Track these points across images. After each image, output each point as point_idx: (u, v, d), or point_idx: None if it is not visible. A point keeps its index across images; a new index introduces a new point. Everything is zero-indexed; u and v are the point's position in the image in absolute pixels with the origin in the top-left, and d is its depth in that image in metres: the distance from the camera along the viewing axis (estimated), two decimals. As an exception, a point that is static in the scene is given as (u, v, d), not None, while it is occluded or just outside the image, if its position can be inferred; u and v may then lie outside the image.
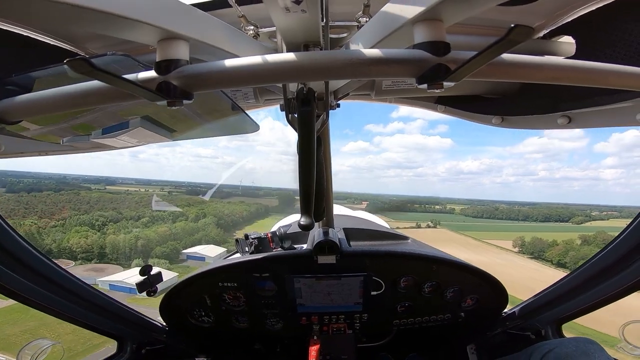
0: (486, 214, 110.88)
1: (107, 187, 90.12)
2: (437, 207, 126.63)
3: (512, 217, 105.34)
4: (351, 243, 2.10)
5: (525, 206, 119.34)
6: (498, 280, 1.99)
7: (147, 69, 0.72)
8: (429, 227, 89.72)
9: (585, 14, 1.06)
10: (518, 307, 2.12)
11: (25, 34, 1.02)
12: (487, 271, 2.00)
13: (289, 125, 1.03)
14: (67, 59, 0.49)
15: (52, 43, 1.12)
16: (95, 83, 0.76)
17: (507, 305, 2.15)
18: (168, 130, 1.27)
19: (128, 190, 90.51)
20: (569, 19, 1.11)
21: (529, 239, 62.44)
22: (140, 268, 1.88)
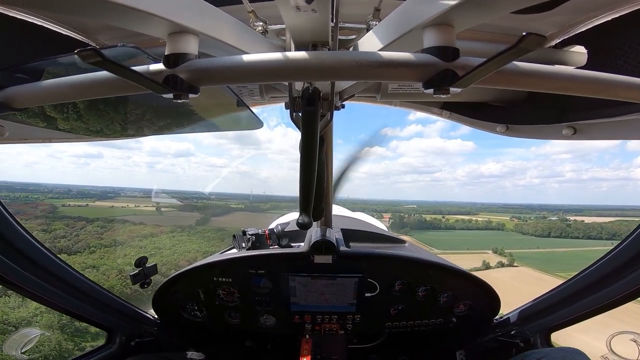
0: (554, 232, 78.05)
1: (96, 202, 75.73)
2: (477, 219, 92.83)
3: (593, 236, 73.55)
4: (348, 244, 2.11)
5: (572, 212, 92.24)
6: (492, 288, 2.00)
7: (156, 61, 0.72)
8: (502, 265, 54.57)
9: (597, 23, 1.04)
10: (509, 315, 2.13)
11: (39, 23, 1.02)
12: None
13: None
14: (78, 49, 0.50)
15: (64, 33, 1.13)
16: (103, 74, 0.76)
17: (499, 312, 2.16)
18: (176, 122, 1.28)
19: (113, 206, 75.90)
20: (583, 29, 1.09)
21: None
22: (135, 260, 1.86)
